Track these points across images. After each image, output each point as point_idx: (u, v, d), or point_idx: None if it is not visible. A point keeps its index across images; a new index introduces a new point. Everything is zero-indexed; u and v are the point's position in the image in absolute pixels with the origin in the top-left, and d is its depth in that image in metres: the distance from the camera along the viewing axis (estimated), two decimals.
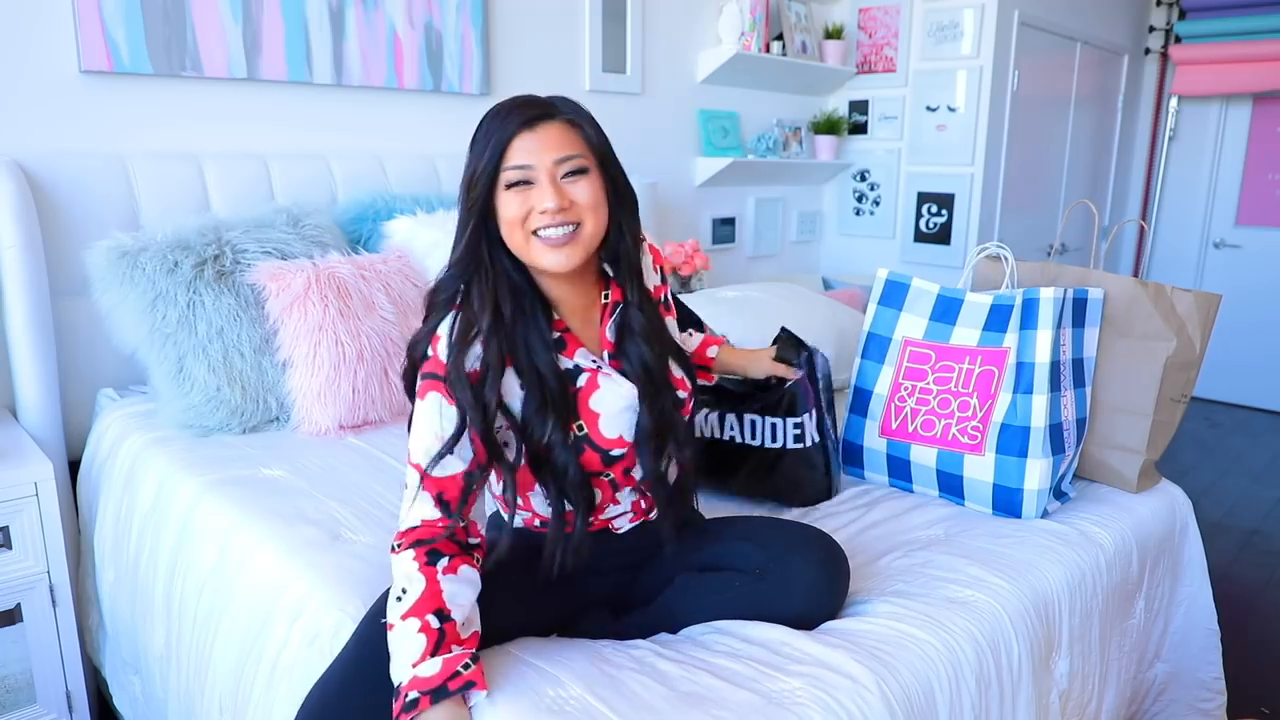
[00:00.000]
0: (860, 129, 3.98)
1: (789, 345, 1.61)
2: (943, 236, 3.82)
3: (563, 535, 1.13)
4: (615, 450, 1.16)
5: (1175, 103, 4.75)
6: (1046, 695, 1.34)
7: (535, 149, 1.08)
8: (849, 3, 3.90)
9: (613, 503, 1.23)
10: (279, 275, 1.85)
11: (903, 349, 1.70)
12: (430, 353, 1.11)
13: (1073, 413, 1.61)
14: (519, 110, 1.09)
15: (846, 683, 1.05)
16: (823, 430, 1.64)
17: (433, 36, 2.55)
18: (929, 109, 3.76)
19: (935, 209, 3.83)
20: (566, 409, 1.13)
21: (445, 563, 1.04)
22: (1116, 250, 5.05)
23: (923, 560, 1.40)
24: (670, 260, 2.94)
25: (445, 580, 1.03)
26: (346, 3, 2.36)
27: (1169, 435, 1.70)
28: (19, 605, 1.68)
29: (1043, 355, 1.54)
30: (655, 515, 1.25)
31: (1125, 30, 4.58)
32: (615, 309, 1.19)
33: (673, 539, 1.22)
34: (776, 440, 1.61)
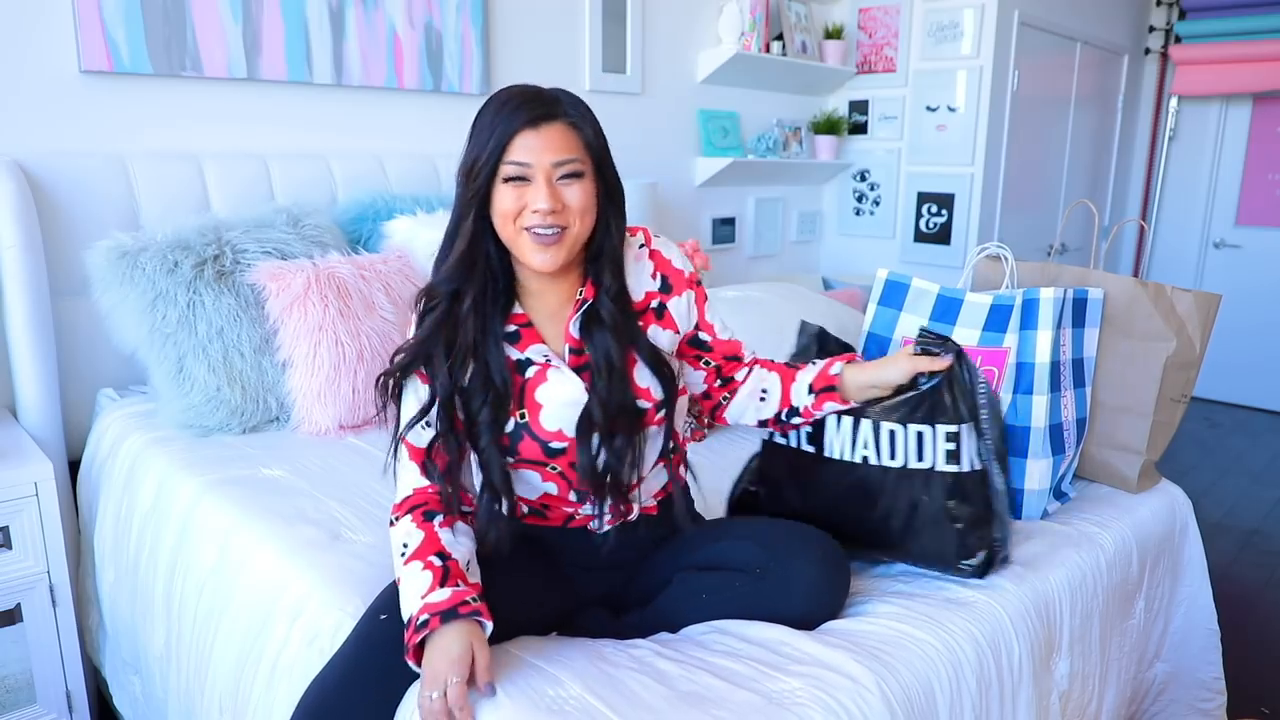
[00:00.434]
0: (860, 129, 3.97)
1: (931, 340, 1.32)
2: (943, 236, 3.82)
3: (494, 513, 1.16)
4: (555, 443, 1.17)
5: (1175, 103, 4.75)
6: (1047, 697, 1.34)
7: (536, 148, 1.10)
8: (849, 3, 3.90)
9: (567, 503, 1.23)
10: (279, 275, 1.85)
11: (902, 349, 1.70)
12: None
13: (1073, 413, 1.61)
14: (525, 107, 1.10)
15: (847, 683, 1.05)
16: (984, 455, 1.26)
17: (433, 36, 2.55)
18: (929, 109, 3.76)
19: (935, 209, 3.83)
20: (499, 393, 1.15)
21: (440, 518, 1.12)
22: (1116, 250, 5.05)
23: None
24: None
25: (442, 531, 1.11)
26: (346, 3, 2.36)
27: (1169, 435, 1.70)
28: (19, 605, 1.68)
29: (1043, 355, 1.54)
30: (633, 517, 1.26)
31: (1125, 30, 4.58)
32: (583, 305, 1.19)
33: (609, 539, 1.24)
34: (924, 459, 1.27)
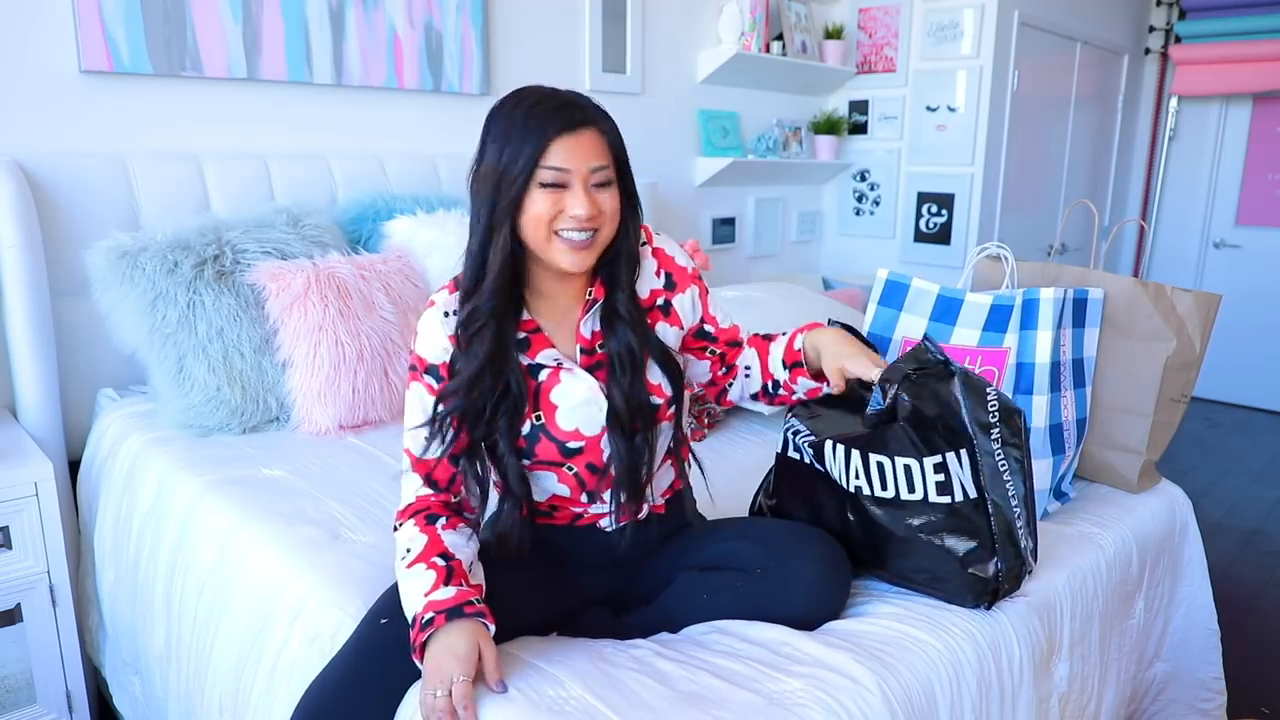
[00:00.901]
0: (860, 129, 3.97)
1: (928, 355, 1.20)
2: (943, 236, 3.82)
3: (514, 518, 1.17)
4: (571, 443, 1.18)
5: (1175, 103, 4.74)
6: (1046, 700, 1.34)
7: (574, 154, 1.09)
8: (849, 3, 3.89)
9: (576, 504, 1.23)
10: (279, 275, 1.85)
11: (903, 349, 1.70)
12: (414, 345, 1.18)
13: (1073, 413, 1.61)
14: (560, 112, 1.09)
15: (847, 683, 1.05)
16: (979, 480, 1.16)
17: (433, 36, 2.55)
18: (929, 109, 3.76)
19: (935, 209, 3.83)
20: (516, 401, 1.16)
21: (443, 521, 1.14)
22: (1116, 250, 5.05)
23: None
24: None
25: (445, 533, 1.13)
26: (346, 3, 2.36)
27: (1169, 435, 1.70)
28: (19, 605, 1.68)
29: (1043, 355, 1.54)
30: (643, 516, 1.26)
31: (1125, 30, 4.58)
32: (593, 305, 1.20)
33: (627, 531, 1.24)
34: (915, 490, 1.19)
